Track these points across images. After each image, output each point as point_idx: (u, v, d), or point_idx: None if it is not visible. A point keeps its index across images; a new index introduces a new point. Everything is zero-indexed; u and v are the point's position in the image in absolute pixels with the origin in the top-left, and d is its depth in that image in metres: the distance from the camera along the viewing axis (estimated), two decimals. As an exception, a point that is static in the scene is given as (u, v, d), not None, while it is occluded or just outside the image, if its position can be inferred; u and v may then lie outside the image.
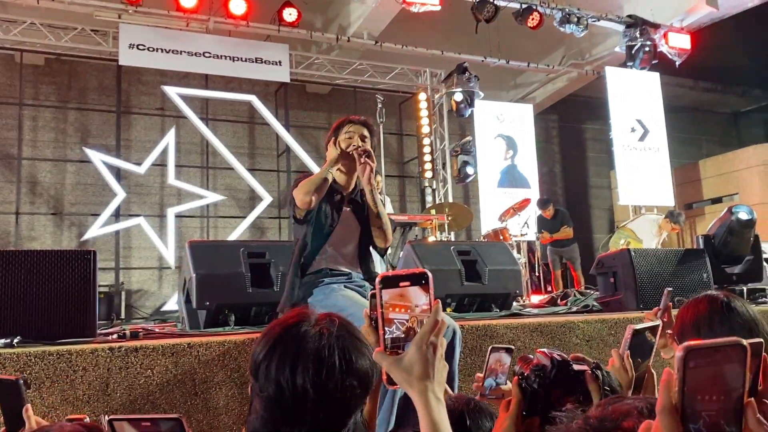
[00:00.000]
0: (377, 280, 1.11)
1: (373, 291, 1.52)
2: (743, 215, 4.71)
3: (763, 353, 0.69)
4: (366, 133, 3.00)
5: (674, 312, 1.92)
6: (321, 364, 1.14)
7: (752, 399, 0.68)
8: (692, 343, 0.67)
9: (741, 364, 0.68)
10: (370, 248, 3.04)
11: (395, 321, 1.10)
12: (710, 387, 0.67)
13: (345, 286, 2.84)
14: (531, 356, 1.28)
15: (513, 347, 1.73)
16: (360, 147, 2.88)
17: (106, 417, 1.30)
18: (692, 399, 0.67)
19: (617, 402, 0.91)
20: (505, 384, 1.64)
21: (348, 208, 3.02)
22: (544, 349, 1.26)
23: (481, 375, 1.68)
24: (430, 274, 1.10)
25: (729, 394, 0.67)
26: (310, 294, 2.83)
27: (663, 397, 0.69)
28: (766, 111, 15.89)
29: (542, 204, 9.15)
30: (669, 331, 1.90)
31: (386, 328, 1.10)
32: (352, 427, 1.18)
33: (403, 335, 1.10)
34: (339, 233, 2.96)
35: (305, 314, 1.23)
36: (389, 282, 1.11)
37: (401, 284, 1.10)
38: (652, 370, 1.98)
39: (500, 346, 1.70)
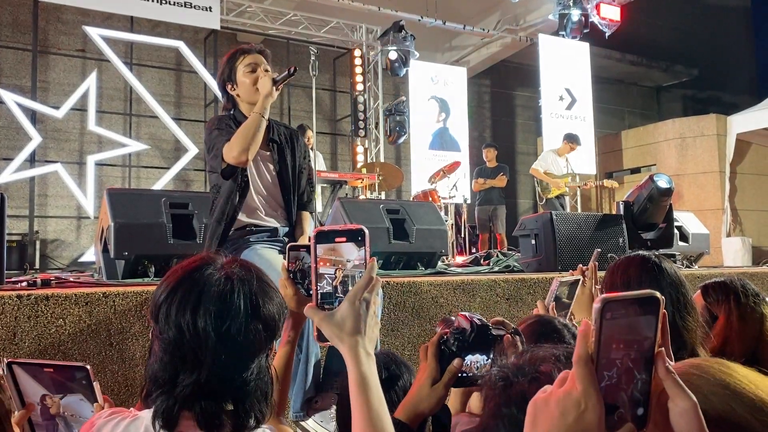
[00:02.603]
0: (312, 234, 1.08)
1: (291, 244, 1.49)
2: (663, 183, 4.91)
3: (662, 309, 0.71)
4: (267, 63, 2.72)
5: (601, 274, 1.99)
6: (224, 306, 1.10)
7: (662, 349, 0.71)
8: (609, 295, 0.69)
9: (654, 315, 0.70)
10: (292, 194, 2.81)
11: (326, 276, 1.09)
12: (625, 337, 0.70)
13: (265, 246, 2.66)
14: (453, 318, 1.29)
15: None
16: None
17: (5, 359, 1.24)
18: (607, 348, 0.70)
19: (535, 350, 0.93)
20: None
21: (267, 152, 2.77)
22: (466, 313, 1.27)
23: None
24: (366, 231, 1.09)
25: (641, 343, 0.70)
26: (231, 252, 2.68)
27: (580, 347, 0.70)
28: (685, 87, 16.56)
29: (488, 144, 9.33)
30: (597, 286, 1.97)
31: (318, 284, 1.09)
32: (255, 371, 1.14)
33: (333, 290, 1.09)
34: (262, 182, 2.75)
35: (210, 258, 1.19)
36: (324, 237, 1.09)
37: (337, 239, 1.08)
38: (574, 323, 2.06)
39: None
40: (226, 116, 2.76)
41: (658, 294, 0.70)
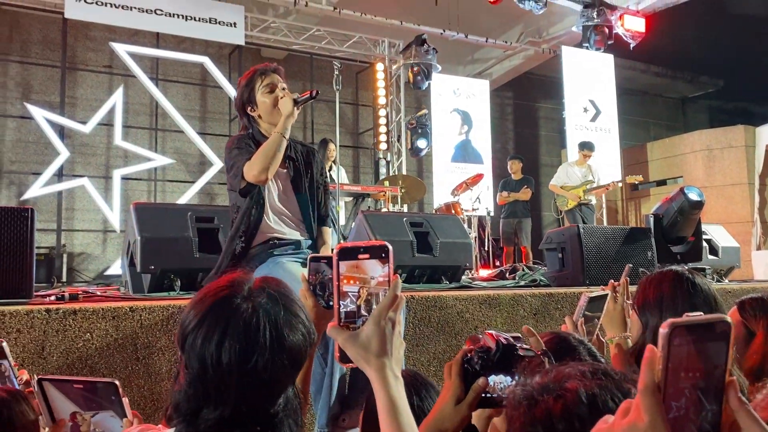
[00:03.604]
0: (335, 251, 1.05)
1: (312, 255, 1.48)
2: (694, 196, 4.83)
3: (733, 335, 0.67)
4: (283, 81, 2.77)
5: (632, 289, 1.95)
6: (249, 341, 1.06)
7: (734, 377, 0.67)
8: (677, 320, 0.66)
9: (725, 340, 0.66)
10: (311, 210, 2.83)
11: (350, 294, 1.05)
12: (694, 364, 0.65)
13: (289, 259, 2.66)
14: (480, 336, 1.26)
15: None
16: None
17: (36, 376, 1.24)
18: (675, 377, 0.66)
19: (560, 367, 0.90)
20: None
21: (284, 170, 2.79)
22: (493, 331, 1.24)
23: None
24: (390, 248, 1.05)
25: (712, 371, 0.66)
26: (254, 268, 2.63)
27: (645, 376, 0.66)
28: (711, 98, 16.36)
29: (513, 156, 9.30)
30: (629, 302, 1.93)
31: (341, 302, 1.04)
32: (282, 404, 1.11)
33: (357, 309, 1.05)
34: (281, 199, 2.78)
35: (239, 283, 1.14)
36: (347, 253, 1.05)
37: (360, 256, 1.05)
38: (602, 339, 2.02)
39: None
40: (246, 136, 2.79)
41: (728, 318, 0.66)
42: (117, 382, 1.40)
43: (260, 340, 1.07)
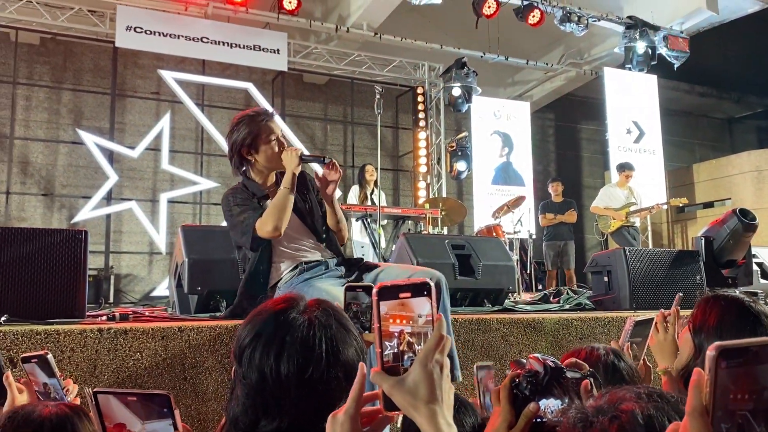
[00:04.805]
0: (374, 291, 0.99)
1: (348, 284, 1.48)
2: (748, 219, 4.70)
3: None
4: (280, 129, 2.85)
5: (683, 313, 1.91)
6: (307, 353, 1.09)
7: None
8: (724, 342, 0.66)
9: None
10: (323, 228, 2.91)
11: (395, 335, 0.98)
12: (742, 387, 0.65)
13: (320, 278, 2.73)
14: (524, 360, 1.24)
15: (492, 362, 1.67)
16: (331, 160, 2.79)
17: (91, 389, 1.28)
18: (724, 399, 0.65)
19: (614, 390, 0.90)
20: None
21: None
22: (538, 355, 1.22)
23: (476, 398, 1.63)
24: (432, 284, 0.99)
25: (761, 394, 0.65)
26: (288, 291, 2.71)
27: (693, 399, 0.66)
28: (760, 118, 15.95)
29: (554, 179, 9.25)
30: (680, 330, 1.88)
31: (386, 343, 0.98)
32: None
33: (401, 352, 0.98)
34: (292, 230, 2.83)
35: (294, 300, 1.18)
36: (388, 293, 0.99)
37: (401, 295, 0.98)
38: (648, 363, 1.97)
39: (483, 364, 1.61)
40: (239, 189, 2.85)
41: None
42: (170, 395, 1.43)
43: (316, 351, 1.10)
